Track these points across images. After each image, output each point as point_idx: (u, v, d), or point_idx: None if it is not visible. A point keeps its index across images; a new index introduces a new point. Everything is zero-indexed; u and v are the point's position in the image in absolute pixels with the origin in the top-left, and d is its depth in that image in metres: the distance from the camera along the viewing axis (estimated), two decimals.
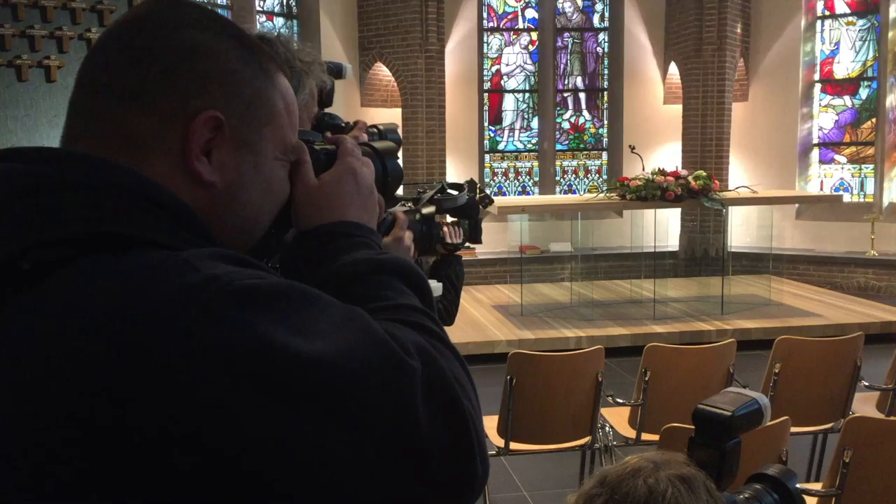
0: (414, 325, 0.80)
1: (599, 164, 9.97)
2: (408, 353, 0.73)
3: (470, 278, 8.35)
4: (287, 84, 0.89)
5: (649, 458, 0.86)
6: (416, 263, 1.11)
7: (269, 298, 0.70)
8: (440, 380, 0.74)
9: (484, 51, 9.57)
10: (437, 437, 0.72)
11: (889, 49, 8.79)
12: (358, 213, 0.94)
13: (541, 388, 3.22)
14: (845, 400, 3.43)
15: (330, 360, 0.69)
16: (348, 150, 0.97)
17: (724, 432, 0.90)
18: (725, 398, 0.94)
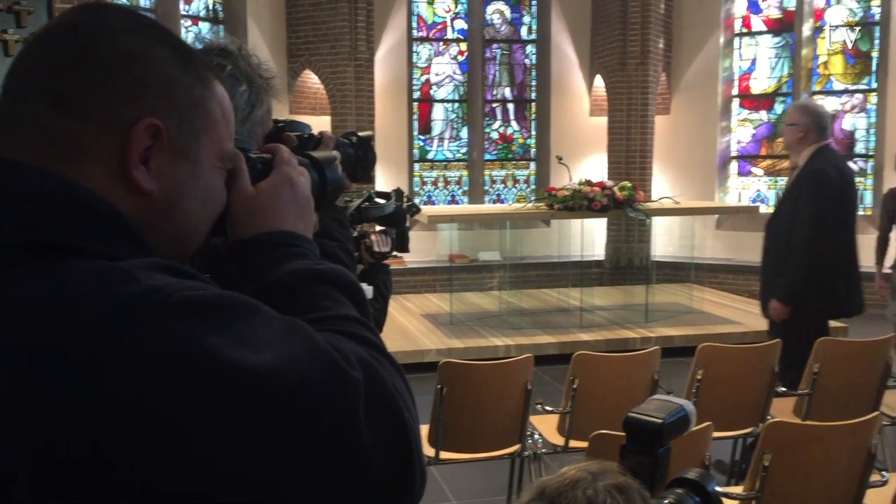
0: (354, 336, 0.80)
1: (528, 175, 10.08)
2: (350, 365, 0.73)
3: (399, 287, 8.33)
4: (224, 92, 0.88)
5: (586, 469, 0.86)
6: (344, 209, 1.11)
7: (210, 310, 0.70)
8: (382, 391, 0.75)
9: (413, 60, 9.59)
10: (378, 448, 0.72)
11: (803, 66, 9.16)
12: (294, 223, 0.93)
13: (471, 397, 3.22)
14: (764, 405, 3.53)
15: (273, 371, 0.69)
16: (285, 159, 0.96)
17: (655, 440, 0.92)
18: (654, 406, 0.96)
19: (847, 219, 4.15)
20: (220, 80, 0.87)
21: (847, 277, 4.11)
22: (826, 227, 4.00)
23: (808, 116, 4.14)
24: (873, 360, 3.62)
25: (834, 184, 4.02)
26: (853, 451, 2.49)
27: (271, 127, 1.46)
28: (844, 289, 4.10)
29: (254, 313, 0.73)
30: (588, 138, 9.56)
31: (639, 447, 0.92)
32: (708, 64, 9.52)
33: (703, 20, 9.47)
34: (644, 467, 0.90)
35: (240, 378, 0.67)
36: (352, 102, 8.33)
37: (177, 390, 0.65)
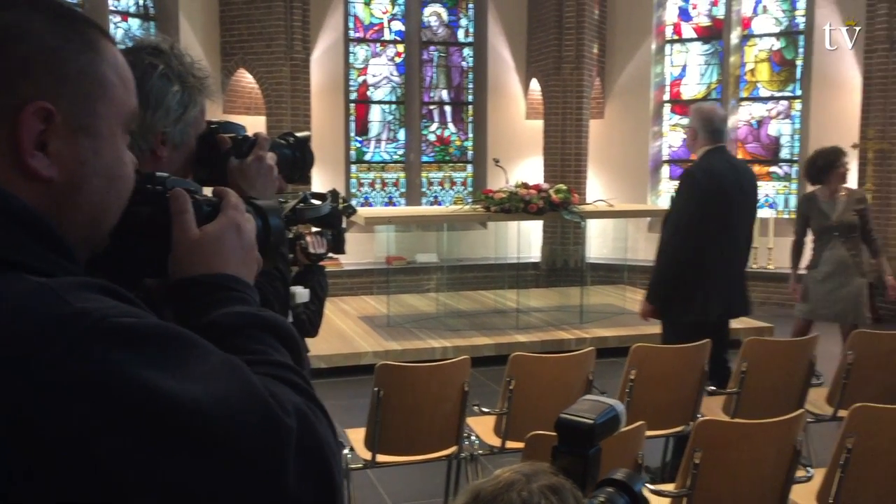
0: (290, 383, 0.78)
1: (465, 177, 10.12)
2: (284, 411, 0.72)
3: (335, 289, 8.26)
4: (115, 51, 0.82)
5: (519, 471, 0.87)
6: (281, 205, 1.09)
7: (143, 339, 0.67)
8: (314, 442, 0.74)
9: (350, 61, 9.53)
10: (302, 497, 0.71)
11: (731, 73, 9.41)
12: (237, 268, 0.91)
13: (408, 399, 3.21)
14: (694, 403, 3.61)
15: (203, 405, 0.67)
16: (233, 203, 0.94)
17: (586, 440, 0.93)
18: (585, 407, 0.97)
19: (719, 223, 4.05)
20: (109, 38, 0.82)
21: (709, 282, 4.05)
22: (686, 231, 3.99)
23: (697, 119, 4.17)
24: (798, 359, 3.73)
25: (700, 187, 4.00)
26: (780, 448, 2.57)
27: (205, 128, 1.42)
28: (703, 294, 4.05)
29: (189, 346, 0.71)
30: (524, 141, 9.64)
31: (570, 448, 0.93)
32: (640, 70, 9.70)
33: (635, 27, 9.66)
34: (576, 467, 0.91)
35: (168, 409, 0.65)
36: (287, 103, 8.24)
37: (102, 419, 0.63)
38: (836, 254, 5.14)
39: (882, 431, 2.68)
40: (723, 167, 4.10)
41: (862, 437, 2.61)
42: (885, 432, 2.69)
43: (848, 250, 5.13)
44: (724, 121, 4.21)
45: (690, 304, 4.07)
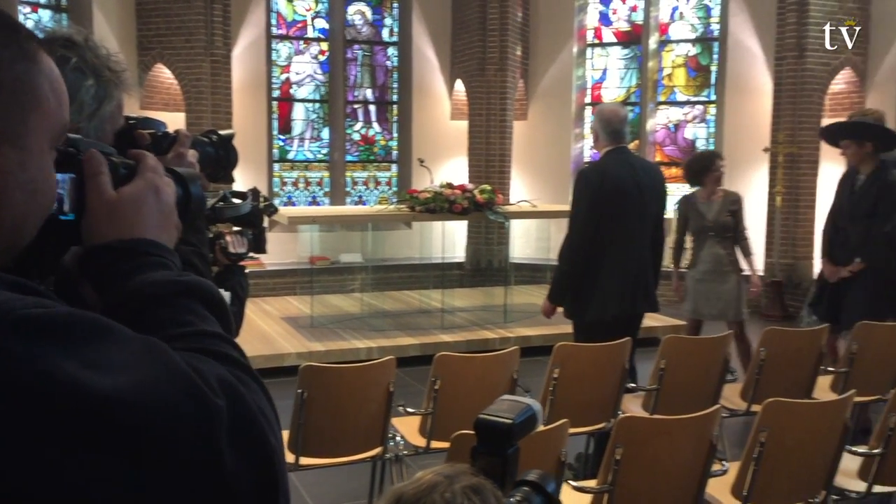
0: (217, 354, 0.75)
1: (389, 177, 10.09)
2: (212, 390, 0.69)
3: (257, 289, 8.14)
4: (52, 64, 0.79)
5: (441, 473, 0.86)
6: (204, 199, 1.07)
7: (55, 329, 0.64)
8: (246, 416, 0.71)
9: (273, 58, 9.39)
10: (241, 475, 0.69)
11: (649, 77, 9.65)
12: (157, 232, 0.87)
13: (332, 400, 3.17)
14: (615, 401, 3.68)
15: (125, 396, 0.64)
16: (150, 165, 0.90)
17: (505, 440, 0.93)
18: (503, 407, 0.97)
19: (614, 222, 4.10)
20: (46, 51, 0.79)
21: (606, 281, 4.11)
22: (581, 231, 4.07)
23: (598, 121, 4.27)
24: (714, 356, 3.85)
25: (592, 187, 4.06)
26: (697, 443, 2.64)
27: (122, 124, 1.37)
28: (600, 292, 4.12)
29: (105, 333, 0.68)
30: (449, 141, 9.68)
31: (490, 448, 0.93)
32: (562, 72, 9.85)
33: (557, 30, 9.80)
34: (495, 467, 0.92)
35: (87, 404, 0.62)
36: (208, 99, 8.06)
37: (15, 418, 0.59)
38: (712, 253, 5.33)
39: (793, 425, 2.78)
40: (619, 167, 4.15)
41: (774, 430, 2.70)
42: (796, 426, 2.80)
43: (723, 249, 5.32)
44: (624, 122, 4.26)
45: (589, 303, 4.15)
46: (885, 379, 4.06)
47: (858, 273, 4.71)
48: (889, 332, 4.24)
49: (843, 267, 4.78)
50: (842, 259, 4.80)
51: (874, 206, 4.67)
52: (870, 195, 4.70)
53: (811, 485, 2.89)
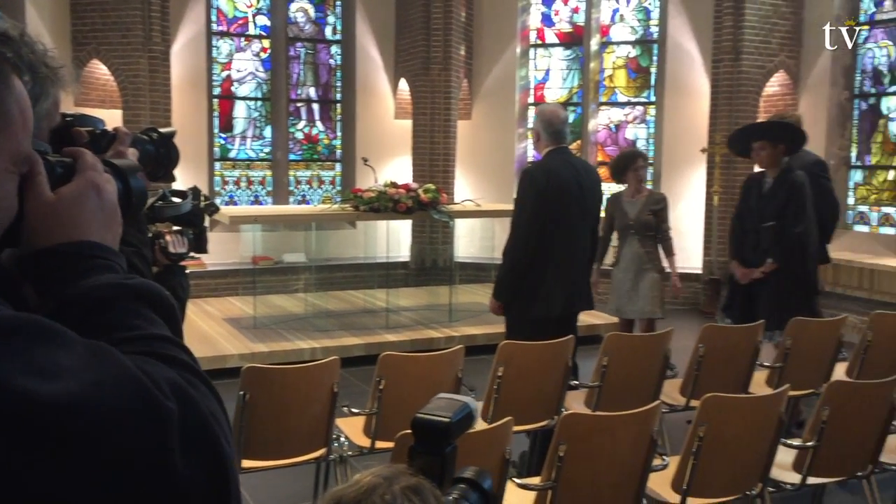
0: (167, 358, 0.74)
1: (333, 176, 10.02)
2: (162, 393, 0.68)
3: (199, 290, 8.00)
4: (22, 88, 0.79)
5: (379, 474, 0.86)
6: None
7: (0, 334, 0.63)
8: (197, 419, 0.71)
9: (213, 55, 9.24)
10: (193, 479, 0.68)
11: (591, 78, 9.78)
12: (100, 233, 0.84)
13: (275, 402, 3.14)
14: (559, 398, 3.72)
15: (75, 401, 0.62)
16: (89, 163, 0.88)
17: (443, 439, 0.93)
18: (440, 405, 0.97)
19: (558, 221, 4.14)
20: (18, 75, 0.79)
21: (551, 278, 4.15)
22: (526, 229, 4.10)
23: (539, 121, 4.28)
24: (654, 352, 3.92)
25: (537, 186, 4.10)
26: (638, 438, 2.68)
27: (59, 121, 1.33)
28: (545, 290, 4.15)
29: (52, 337, 0.66)
30: (393, 141, 9.65)
31: (427, 447, 0.93)
32: (506, 72, 9.91)
33: (501, 30, 9.86)
34: (433, 466, 0.92)
35: (34, 409, 0.60)
36: (146, 96, 7.89)
37: None
38: (632, 251, 5.45)
39: (730, 419, 2.85)
40: (561, 167, 4.21)
41: (712, 425, 2.76)
42: (733, 420, 2.86)
43: (643, 248, 5.42)
44: (565, 122, 4.31)
45: (534, 300, 4.19)
46: (818, 373, 4.20)
47: (769, 274, 4.78)
48: (821, 327, 4.38)
49: (754, 269, 4.83)
50: (753, 261, 4.85)
51: (784, 207, 4.75)
52: (779, 197, 4.77)
53: (748, 477, 2.96)
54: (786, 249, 4.74)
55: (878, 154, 8.33)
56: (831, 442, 3.00)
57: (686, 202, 8.92)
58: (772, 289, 4.78)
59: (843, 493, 3.87)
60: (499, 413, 3.35)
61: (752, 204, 4.92)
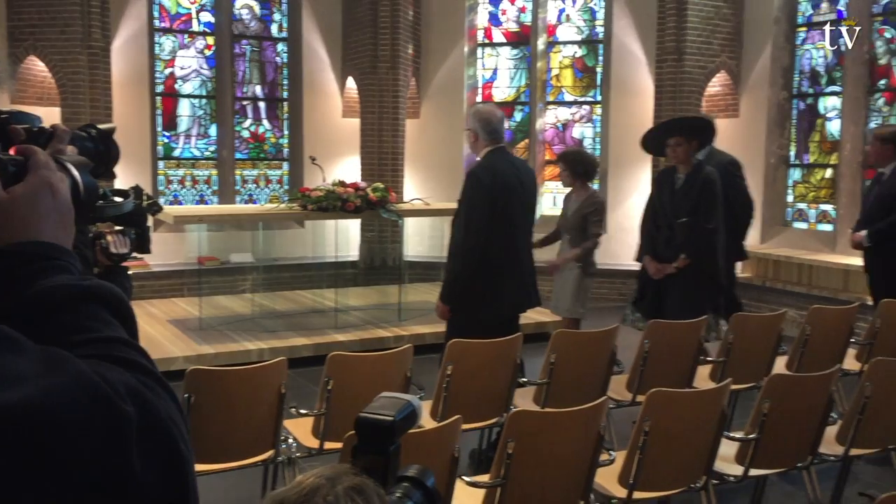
0: (124, 361, 0.73)
1: (280, 175, 9.92)
2: (120, 397, 0.68)
3: (142, 292, 7.85)
4: None
5: (322, 475, 0.86)
6: None
7: None
8: (156, 424, 0.70)
9: (156, 52, 9.06)
10: (152, 483, 0.68)
11: (538, 78, 9.85)
12: (55, 233, 0.82)
13: (221, 404, 3.10)
14: (507, 395, 3.74)
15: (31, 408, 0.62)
16: (42, 162, 0.85)
17: (387, 438, 0.93)
18: (383, 404, 0.97)
19: (505, 221, 4.15)
20: None
21: (501, 279, 4.17)
22: (476, 231, 4.08)
23: (476, 121, 4.27)
24: (601, 349, 3.97)
25: (485, 186, 4.09)
26: (585, 434, 2.71)
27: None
28: (495, 291, 4.16)
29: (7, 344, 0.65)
30: (341, 139, 9.59)
31: (371, 447, 0.93)
32: (454, 71, 9.93)
33: (448, 29, 9.87)
34: (376, 466, 0.91)
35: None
36: (85, 94, 7.70)
37: None
38: (563, 249, 5.49)
39: (675, 413, 2.90)
40: (504, 166, 4.23)
41: (657, 419, 2.81)
42: (678, 414, 2.92)
43: (571, 247, 5.43)
44: (501, 121, 4.32)
45: (484, 303, 4.18)
46: (759, 367, 4.30)
47: (680, 269, 4.86)
48: (762, 322, 4.49)
49: (668, 264, 4.88)
50: (666, 256, 4.91)
51: (697, 203, 4.81)
52: (692, 193, 4.83)
53: (693, 470, 3.02)
54: (698, 245, 4.81)
55: (815, 153, 8.56)
56: (772, 434, 3.07)
57: (632, 200, 9.04)
58: (681, 283, 4.85)
59: (784, 484, 3.97)
60: (448, 411, 3.36)
61: (665, 200, 4.96)
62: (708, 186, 4.82)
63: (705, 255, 4.83)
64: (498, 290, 4.20)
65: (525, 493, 2.63)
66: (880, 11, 7.94)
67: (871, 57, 7.96)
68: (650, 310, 4.99)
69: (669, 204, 4.93)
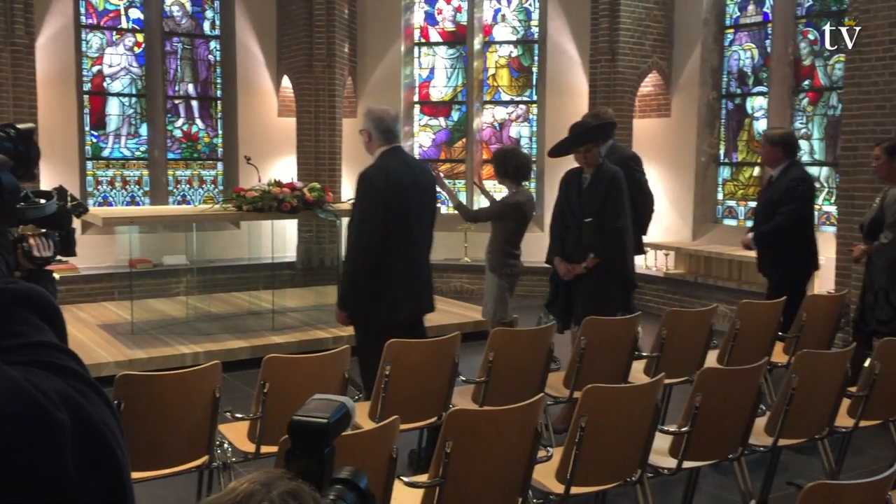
0: (56, 367, 0.71)
1: (215, 175, 9.75)
2: (53, 404, 0.66)
3: (71, 296, 7.63)
4: None
5: (256, 481, 0.84)
6: None
7: None
8: (90, 430, 0.69)
9: (83, 49, 8.80)
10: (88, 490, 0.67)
11: (475, 77, 9.89)
12: None
13: (153, 410, 3.02)
14: (446, 394, 3.74)
15: None
16: None
17: (322, 441, 0.92)
18: (316, 406, 0.96)
19: (401, 223, 4.08)
20: None
21: (397, 283, 4.12)
22: (370, 234, 4.00)
23: (369, 121, 4.20)
24: (539, 346, 4.00)
25: (378, 189, 4.01)
26: (523, 431, 2.73)
27: None
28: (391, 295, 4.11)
29: None
30: (277, 139, 9.48)
31: (306, 450, 0.92)
32: (391, 70, 9.90)
33: (385, 28, 9.84)
34: (311, 469, 0.90)
35: None
36: (9, 92, 7.43)
37: None
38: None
39: (610, 409, 2.94)
40: (399, 167, 4.16)
41: (593, 415, 2.84)
42: (613, 409, 2.96)
43: (489, 247, 5.43)
44: (396, 120, 4.26)
45: (380, 306, 4.12)
46: (692, 361, 4.39)
47: (589, 269, 4.79)
48: (694, 318, 4.59)
49: (577, 265, 4.81)
50: (576, 257, 4.84)
51: (603, 202, 4.77)
52: (598, 192, 4.79)
53: (628, 464, 3.07)
54: (606, 244, 4.76)
55: (744, 151, 8.80)
56: (704, 427, 3.14)
57: None
58: (591, 284, 4.79)
59: (717, 475, 4.06)
60: (387, 412, 3.34)
61: (573, 200, 4.92)
62: (614, 185, 4.79)
63: (614, 253, 4.79)
64: (393, 294, 4.12)
65: (464, 492, 2.64)
66: (804, 14, 8.21)
67: (796, 58, 8.22)
68: (563, 312, 4.92)
69: (577, 204, 4.87)
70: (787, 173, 5.52)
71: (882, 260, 5.12)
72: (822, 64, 8.07)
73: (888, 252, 5.07)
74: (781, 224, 5.42)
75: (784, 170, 5.53)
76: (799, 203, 5.45)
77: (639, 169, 5.70)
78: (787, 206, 5.41)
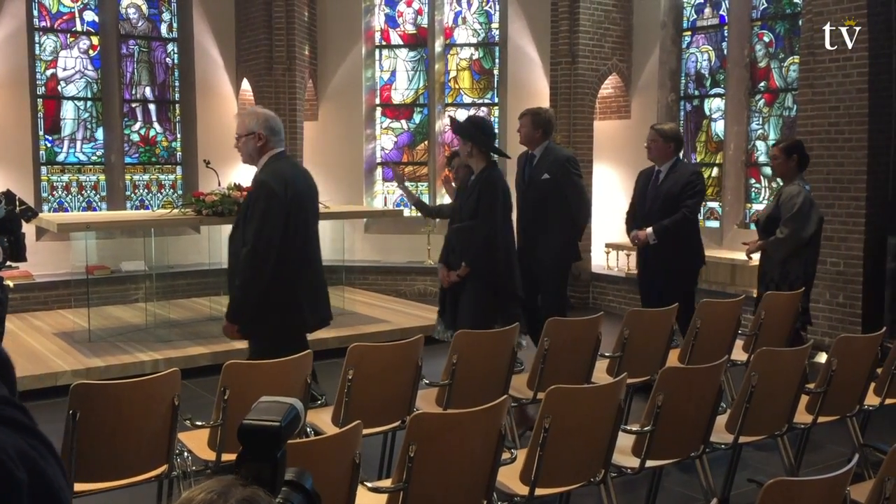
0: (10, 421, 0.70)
1: (174, 179, 9.61)
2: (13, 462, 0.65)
3: (25, 304, 7.47)
4: None
5: (212, 490, 0.82)
6: None
7: None
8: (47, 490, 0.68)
9: (36, 52, 8.62)
10: None
11: (436, 80, 9.89)
12: None
13: (110, 419, 2.95)
14: (410, 398, 3.72)
15: None
16: None
17: (274, 444, 0.90)
18: (266, 408, 0.94)
19: (300, 230, 3.97)
20: None
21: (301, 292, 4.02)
22: (268, 242, 3.83)
23: (260, 123, 3.99)
24: (502, 348, 3.99)
25: (276, 196, 3.84)
26: (487, 433, 2.72)
27: None
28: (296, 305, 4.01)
29: None
30: None
31: (259, 454, 0.90)
32: (352, 73, 9.86)
33: (345, 30, 9.79)
34: (264, 474, 0.88)
35: None
36: None
37: None
38: None
39: (573, 409, 2.95)
40: (293, 172, 4.03)
41: (557, 416, 2.84)
42: (576, 410, 2.96)
43: None
44: (279, 122, 4.11)
45: (288, 316, 3.98)
46: (654, 361, 4.42)
47: (462, 277, 4.61)
48: (655, 317, 4.62)
49: (453, 272, 4.64)
50: (455, 263, 4.67)
51: (476, 206, 4.56)
52: (472, 196, 4.60)
53: (592, 464, 3.07)
54: (476, 251, 4.56)
55: (702, 152, 8.91)
56: (666, 426, 3.16)
57: None
58: (468, 292, 4.61)
59: (679, 473, 4.10)
60: (350, 417, 3.31)
61: (459, 203, 4.77)
62: (486, 188, 4.51)
63: (483, 261, 4.55)
64: (301, 301, 3.99)
65: (428, 496, 2.62)
66: (759, 16, 8.34)
67: (752, 60, 8.35)
68: (450, 321, 4.71)
69: (458, 208, 4.73)
70: (677, 168, 5.65)
71: (777, 254, 5.41)
72: (777, 66, 8.20)
73: (784, 246, 5.35)
74: (687, 217, 5.55)
75: (673, 165, 5.64)
76: (699, 197, 5.67)
77: (576, 171, 5.60)
78: (691, 199, 5.56)
